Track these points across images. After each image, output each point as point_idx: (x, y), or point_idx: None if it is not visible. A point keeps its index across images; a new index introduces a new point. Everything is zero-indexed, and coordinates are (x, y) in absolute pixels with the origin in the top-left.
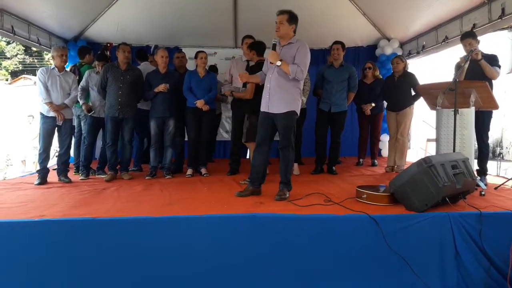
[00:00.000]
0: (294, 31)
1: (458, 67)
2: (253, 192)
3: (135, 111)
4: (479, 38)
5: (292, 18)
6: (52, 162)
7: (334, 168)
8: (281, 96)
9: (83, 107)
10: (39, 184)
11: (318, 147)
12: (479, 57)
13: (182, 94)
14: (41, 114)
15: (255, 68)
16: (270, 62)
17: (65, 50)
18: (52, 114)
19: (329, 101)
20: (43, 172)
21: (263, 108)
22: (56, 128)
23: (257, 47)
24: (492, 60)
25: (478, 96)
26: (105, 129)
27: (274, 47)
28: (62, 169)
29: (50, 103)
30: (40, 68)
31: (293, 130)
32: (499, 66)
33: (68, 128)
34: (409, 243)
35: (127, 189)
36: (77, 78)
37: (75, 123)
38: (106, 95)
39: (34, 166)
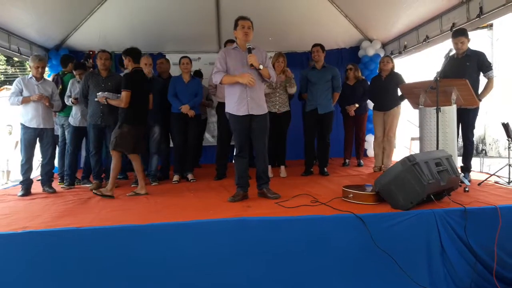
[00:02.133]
0: None
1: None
2: (244, 196)
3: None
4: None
5: (252, 25)
6: (37, 173)
7: (325, 169)
8: (260, 99)
9: (72, 101)
10: (23, 195)
11: (307, 149)
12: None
13: (167, 100)
14: (22, 124)
15: (133, 75)
16: (251, 65)
17: (42, 62)
18: (33, 124)
19: (315, 102)
20: (26, 183)
21: (242, 112)
22: (38, 138)
23: (133, 54)
24: (483, 62)
25: (459, 94)
26: (88, 137)
27: (250, 51)
28: (46, 179)
29: (24, 97)
30: (17, 79)
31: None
32: (491, 68)
33: (50, 137)
34: (395, 241)
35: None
36: (61, 87)
37: (58, 132)
38: (88, 104)
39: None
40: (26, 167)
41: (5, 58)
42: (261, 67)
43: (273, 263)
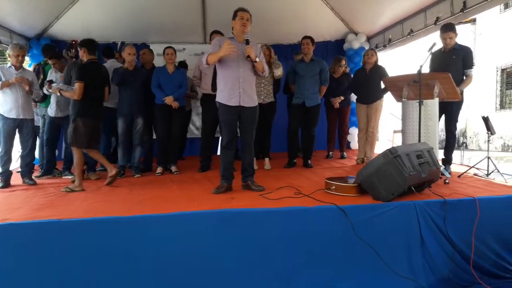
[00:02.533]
0: None
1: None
2: (228, 188)
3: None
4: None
5: (251, 17)
6: (16, 165)
7: (309, 161)
8: (252, 91)
9: (47, 88)
10: (2, 187)
11: (291, 141)
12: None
13: (151, 91)
14: (0, 115)
15: (87, 67)
16: (248, 57)
17: (22, 51)
18: (12, 115)
19: (302, 95)
20: (5, 175)
21: (233, 102)
22: (17, 129)
23: (88, 45)
24: (468, 58)
25: (441, 88)
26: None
27: (248, 43)
28: (26, 171)
29: (3, 82)
30: None
31: None
32: (473, 65)
33: (30, 128)
34: (376, 231)
35: (95, 190)
36: (42, 77)
37: (39, 123)
38: None
39: None
40: (5, 158)
41: None
42: (257, 60)
43: (256, 254)
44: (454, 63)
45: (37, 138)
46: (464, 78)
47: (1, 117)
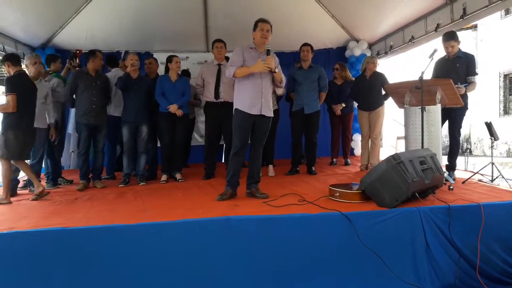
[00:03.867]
0: None
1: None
2: (232, 195)
3: (107, 118)
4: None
5: (272, 28)
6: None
7: (313, 168)
8: (270, 101)
9: None
10: None
11: (294, 148)
12: (462, 91)
13: (154, 100)
14: None
15: (16, 78)
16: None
17: (38, 58)
18: None
19: (302, 102)
20: (13, 184)
21: (254, 111)
22: None
23: (11, 58)
24: (471, 66)
25: (443, 94)
26: (78, 136)
27: (269, 53)
28: None
29: None
30: None
31: None
32: (476, 73)
33: (42, 137)
34: (381, 238)
35: (100, 198)
36: None
37: None
38: (75, 102)
39: None
40: (14, 167)
41: None
42: (276, 70)
43: (260, 261)
44: (456, 70)
45: None
46: (468, 84)
47: None
